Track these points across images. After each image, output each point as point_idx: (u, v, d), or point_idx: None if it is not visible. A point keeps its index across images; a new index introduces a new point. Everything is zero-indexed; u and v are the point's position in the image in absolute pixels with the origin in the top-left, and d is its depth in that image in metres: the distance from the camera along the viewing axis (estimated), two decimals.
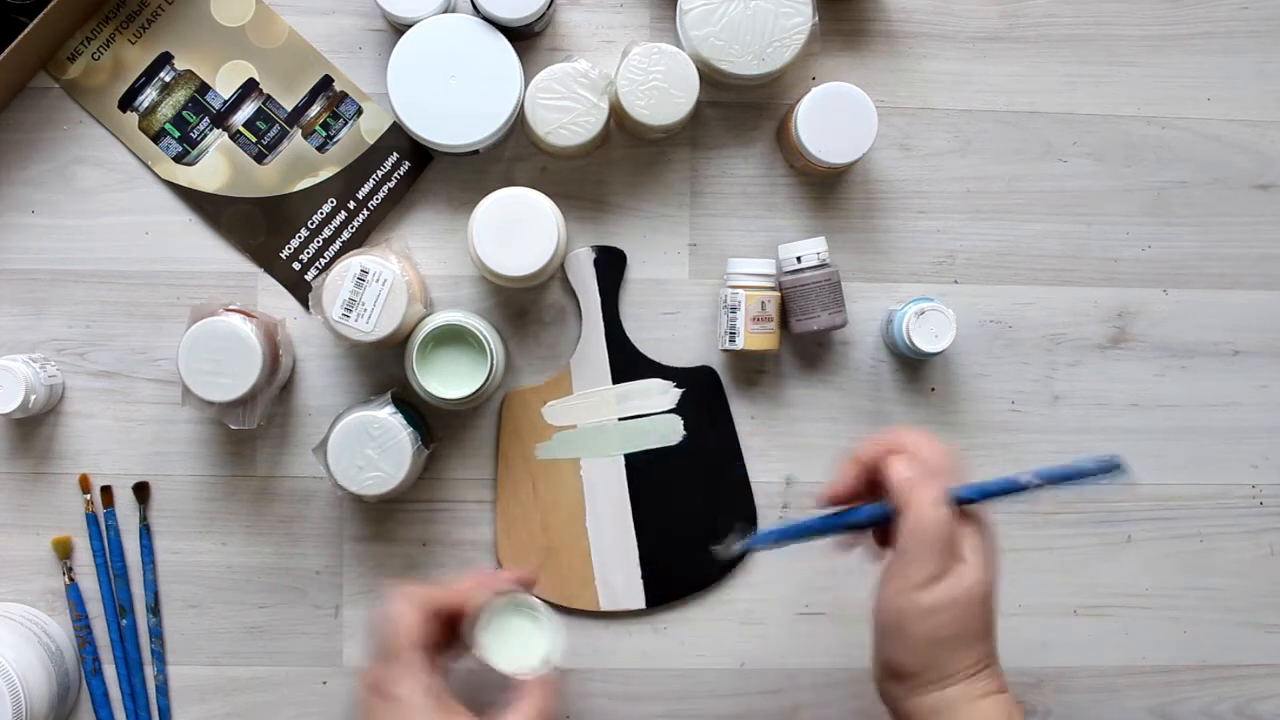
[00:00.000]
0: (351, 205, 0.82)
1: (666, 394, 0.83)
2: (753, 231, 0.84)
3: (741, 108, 0.84)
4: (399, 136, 0.82)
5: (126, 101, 0.81)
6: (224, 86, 0.82)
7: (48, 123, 0.81)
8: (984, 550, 0.64)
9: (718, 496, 0.83)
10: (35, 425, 0.82)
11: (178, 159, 0.82)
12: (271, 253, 0.82)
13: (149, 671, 0.82)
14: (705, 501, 0.83)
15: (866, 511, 0.66)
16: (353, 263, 0.74)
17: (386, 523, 0.83)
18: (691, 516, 0.83)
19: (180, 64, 0.81)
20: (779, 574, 0.84)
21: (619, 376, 0.83)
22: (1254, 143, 0.86)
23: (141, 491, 0.82)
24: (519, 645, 0.70)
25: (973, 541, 0.64)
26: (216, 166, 0.82)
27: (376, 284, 0.74)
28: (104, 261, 0.82)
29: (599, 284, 0.83)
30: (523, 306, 0.83)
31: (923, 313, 0.79)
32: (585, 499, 0.83)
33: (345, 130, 0.82)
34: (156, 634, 0.82)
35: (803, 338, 0.84)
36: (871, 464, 0.66)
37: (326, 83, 0.82)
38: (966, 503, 0.64)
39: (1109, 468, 0.64)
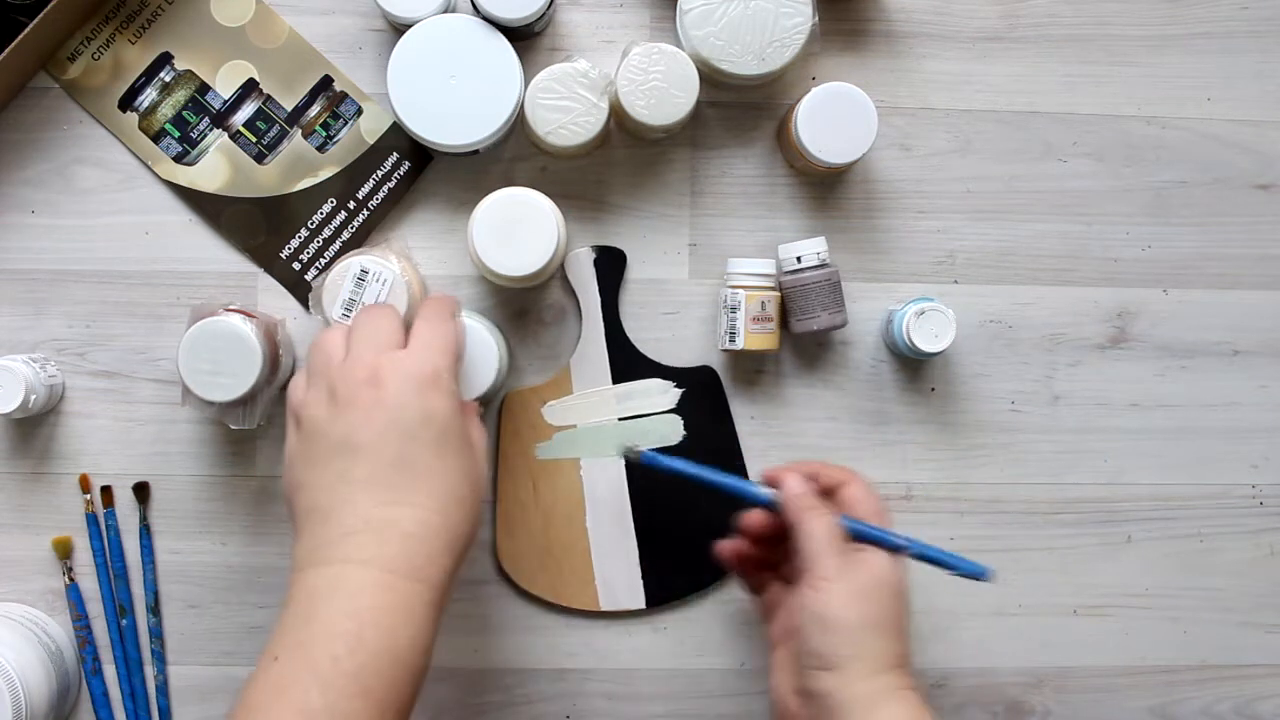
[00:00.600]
0: (351, 205, 0.82)
1: (666, 394, 0.83)
2: (753, 231, 0.84)
3: (741, 108, 0.84)
4: (399, 136, 0.82)
5: (126, 101, 0.81)
6: (224, 86, 0.82)
7: (48, 123, 0.81)
8: (884, 564, 0.68)
9: (718, 496, 0.83)
10: (35, 425, 0.82)
11: (178, 159, 0.82)
12: (271, 253, 0.82)
13: (149, 671, 0.82)
14: (705, 501, 0.83)
15: (759, 493, 0.73)
16: (353, 263, 0.74)
17: None
18: (691, 516, 0.83)
19: (180, 64, 0.81)
20: None
21: (619, 376, 0.83)
22: (1254, 143, 0.86)
23: (141, 491, 0.82)
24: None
25: (867, 558, 0.68)
26: (216, 166, 0.82)
27: (376, 284, 0.74)
28: (104, 261, 0.82)
29: (599, 284, 0.83)
30: (523, 306, 0.83)
31: (923, 313, 0.79)
32: (585, 499, 0.83)
33: (345, 130, 0.82)
34: (156, 634, 0.82)
35: (803, 338, 0.84)
36: (816, 478, 0.73)
37: (326, 83, 0.82)
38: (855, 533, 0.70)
39: (975, 574, 0.72)
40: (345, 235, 0.82)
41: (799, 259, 0.80)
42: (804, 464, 0.74)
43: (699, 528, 0.82)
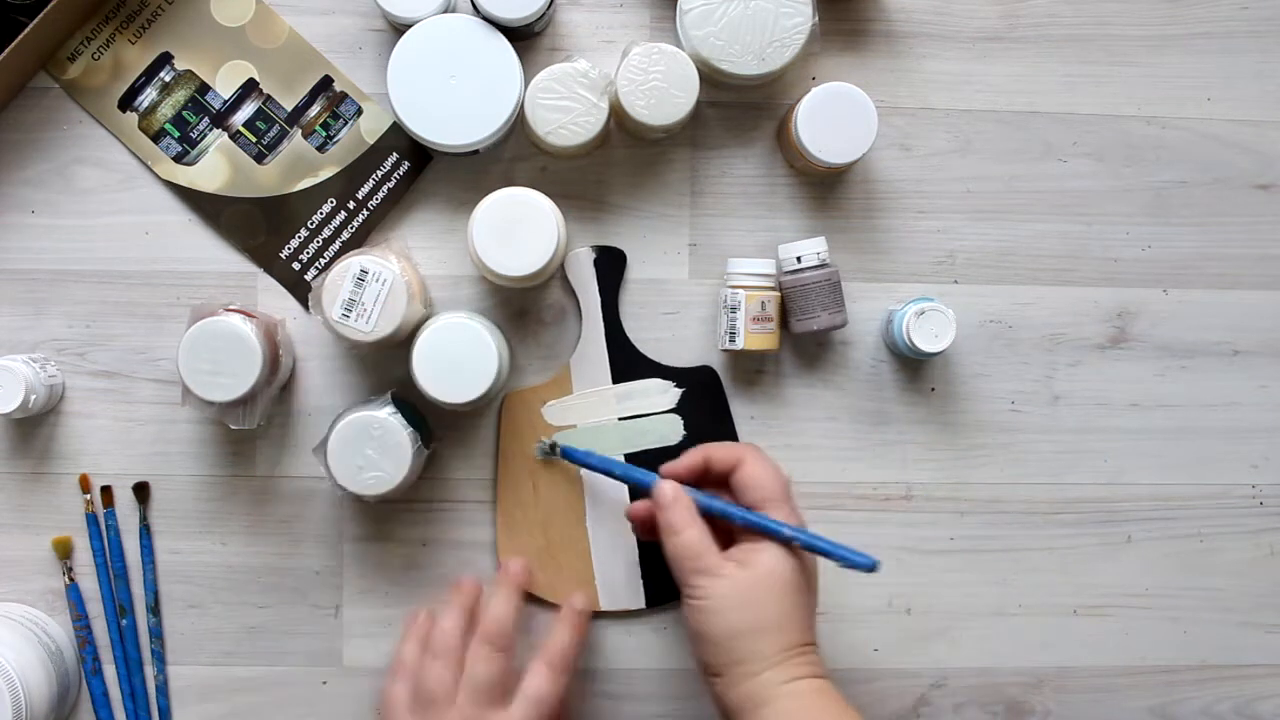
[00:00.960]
0: (351, 205, 0.82)
1: (666, 394, 0.83)
2: (753, 231, 0.84)
3: (741, 108, 0.84)
4: (399, 136, 0.82)
5: (126, 101, 0.81)
6: (224, 86, 0.82)
7: (48, 123, 0.81)
8: (767, 557, 0.70)
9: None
10: (35, 425, 0.82)
11: (178, 159, 0.82)
12: (271, 253, 0.82)
13: (149, 671, 0.82)
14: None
15: (649, 481, 0.75)
16: (352, 263, 0.74)
17: (386, 523, 0.83)
18: None
19: (180, 64, 0.81)
20: None
21: (619, 376, 0.83)
22: (1254, 143, 0.86)
23: (141, 491, 0.82)
24: None
25: (753, 554, 0.70)
26: (216, 166, 0.82)
27: (376, 284, 0.74)
28: (104, 261, 0.82)
29: (599, 284, 0.83)
30: (523, 306, 0.83)
31: (923, 313, 0.79)
32: (585, 499, 0.83)
33: (345, 130, 0.82)
34: (156, 634, 0.82)
35: (803, 338, 0.84)
36: (710, 465, 0.75)
37: (326, 83, 0.82)
38: (721, 516, 0.72)
39: (863, 565, 0.71)
40: (345, 235, 0.82)
41: (799, 259, 0.80)
42: (699, 449, 0.75)
43: None
